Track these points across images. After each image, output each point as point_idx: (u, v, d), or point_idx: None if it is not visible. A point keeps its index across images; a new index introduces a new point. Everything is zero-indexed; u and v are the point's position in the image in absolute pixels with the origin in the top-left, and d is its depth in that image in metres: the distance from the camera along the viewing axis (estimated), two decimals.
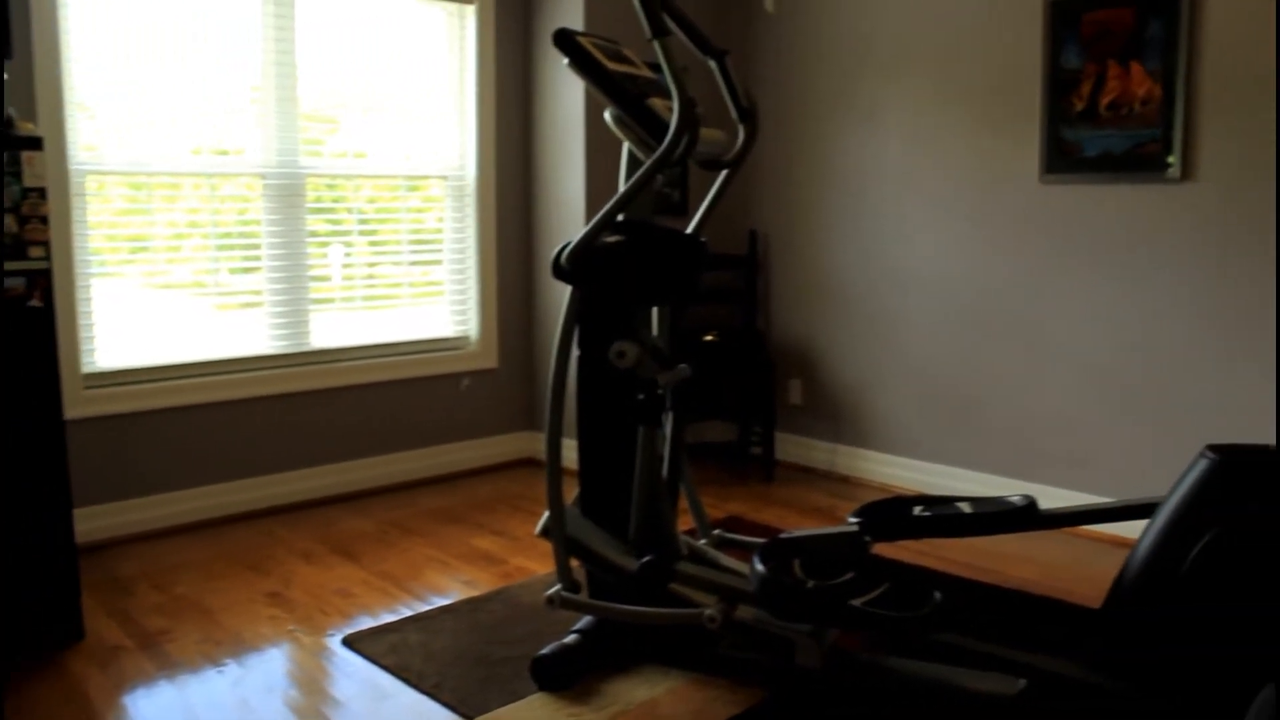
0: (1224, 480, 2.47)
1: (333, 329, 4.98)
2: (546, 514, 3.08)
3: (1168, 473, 4.12)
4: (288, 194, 4.73)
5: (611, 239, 3.01)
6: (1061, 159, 4.41)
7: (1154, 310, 4.25)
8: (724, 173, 3.41)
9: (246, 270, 4.71)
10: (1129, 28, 4.16)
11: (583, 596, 3.10)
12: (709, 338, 5.31)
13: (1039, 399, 4.62)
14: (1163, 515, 2.55)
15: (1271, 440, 3.92)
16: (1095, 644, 2.63)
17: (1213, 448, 2.56)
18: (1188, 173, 4.10)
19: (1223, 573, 2.44)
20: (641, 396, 3.02)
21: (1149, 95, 4.14)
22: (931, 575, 3.91)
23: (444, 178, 5.30)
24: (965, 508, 3.00)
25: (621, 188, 2.97)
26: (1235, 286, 4.04)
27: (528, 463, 5.65)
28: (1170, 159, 4.10)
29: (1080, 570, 4.06)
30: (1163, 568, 2.50)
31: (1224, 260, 4.06)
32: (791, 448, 5.59)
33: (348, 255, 5.01)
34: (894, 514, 3.01)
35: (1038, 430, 4.63)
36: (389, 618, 3.60)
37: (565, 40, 2.97)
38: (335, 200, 4.96)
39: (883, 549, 4.04)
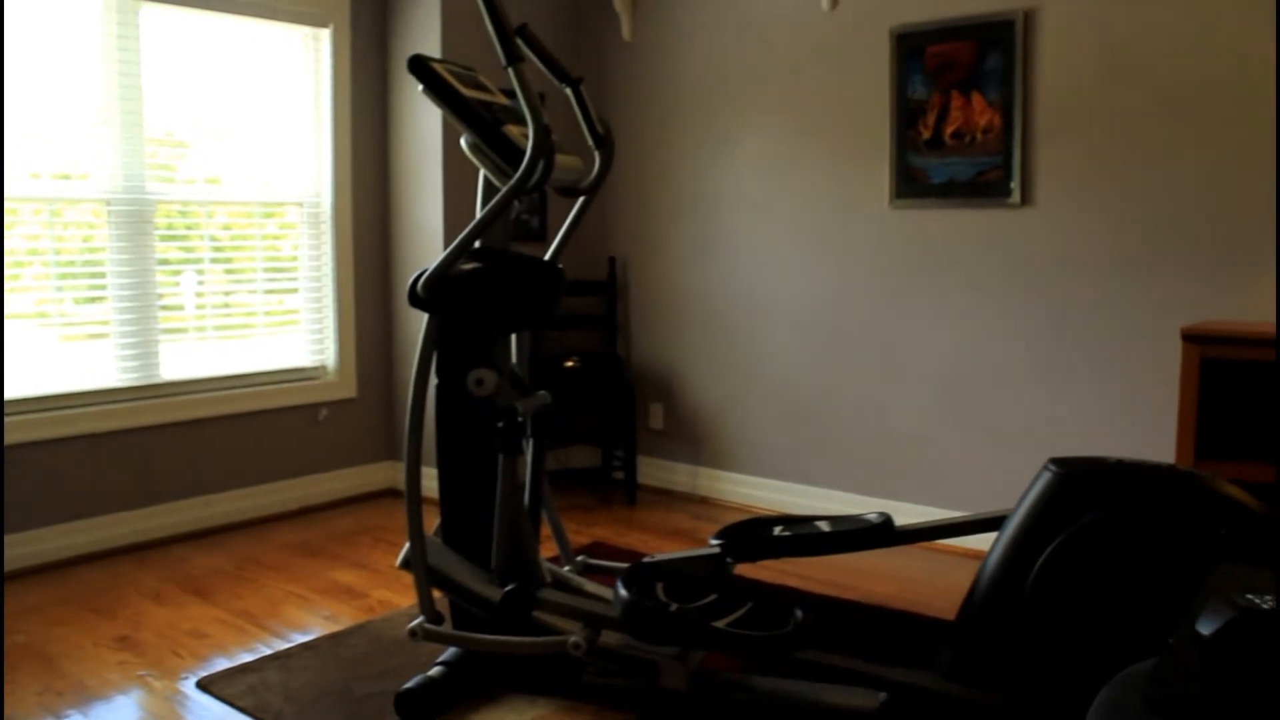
0: (1064, 492, 2.57)
1: (185, 360, 4.84)
2: (407, 545, 3.04)
3: (1016, 486, 4.27)
4: (135, 220, 4.60)
5: (468, 266, 3.00)
6: (910, 185, 4.55)
7: (998, 330, 4.40)
8: (581, 199, 3.43)
9: (92, 300, 4.56)
10: (970, 60, 4.31)
11: (446, 628, 3.07)
12: (569, 364, 5.31)
13: (894, 417, 4.74)
14: (1009, 528, 2.64)
15: (1111, 451, 4.09)
16: (949, 656, 2.70)
17: (1055, 461, 2.66)
18: (1027, 198, 4.26)
19: (1065, 581, 2.53)
20: (501, 424, 3.01)
21: (990, 125, 4.30)
22: (793, 594, 3.97)
23: (300, 204, 5.21)
24: (824, 527, 3.06)
25: (478, 214, 2.97)
26: (1071, 307, 4.21)
27: (389, 493, 5.57)
28: (1011, 185, 4.26)
29: (937, 583, 4.17)
30: (1009, 579, 2.58)
31: (1061, 281, 4.23)
32: (654, 471, 5.63)
33: (200, 283, 4.88)
34: (755, 535, 3.06)
35: (894, 448, 4.75)
36: (246, 657, 3.51)
37: (420, 66, 2.96)
38: (188, 227, 4.83)
39: (745, 569, 4.10)
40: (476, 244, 3.02)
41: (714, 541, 3.03)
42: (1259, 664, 1.36)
